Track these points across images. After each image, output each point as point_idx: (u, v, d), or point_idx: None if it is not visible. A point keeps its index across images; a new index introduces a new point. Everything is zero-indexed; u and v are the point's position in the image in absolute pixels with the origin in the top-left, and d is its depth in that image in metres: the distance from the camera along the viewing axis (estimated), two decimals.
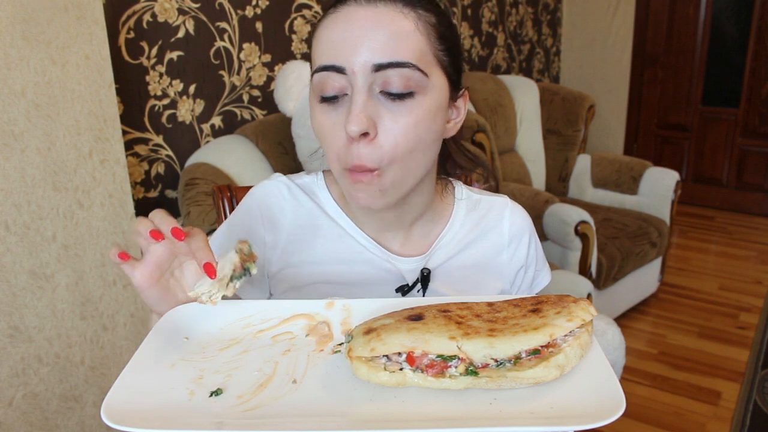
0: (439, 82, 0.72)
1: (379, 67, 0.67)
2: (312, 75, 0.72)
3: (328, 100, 0.70)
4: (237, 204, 1.00)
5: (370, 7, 0.68)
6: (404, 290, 0.82)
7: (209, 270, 0.64)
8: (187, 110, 1.94)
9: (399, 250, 0.84)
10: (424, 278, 0.83)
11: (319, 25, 0.72)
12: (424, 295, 0.82)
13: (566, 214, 2.53)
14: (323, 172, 0.87)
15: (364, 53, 0.67)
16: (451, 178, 0.90)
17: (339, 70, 0.68)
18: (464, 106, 0.80)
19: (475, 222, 0.88)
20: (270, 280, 0.85)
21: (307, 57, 2.29)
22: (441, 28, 0.72)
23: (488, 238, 0.88)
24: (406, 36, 0.68)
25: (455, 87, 0.77)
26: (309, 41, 2.30)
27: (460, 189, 0.90)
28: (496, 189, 0.94)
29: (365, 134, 0.68)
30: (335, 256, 0.83)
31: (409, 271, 0.83)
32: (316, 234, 0.83)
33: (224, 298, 0.66)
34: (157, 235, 0.64)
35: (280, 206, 0.83)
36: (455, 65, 0.75)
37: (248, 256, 0.67)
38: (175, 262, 0.68)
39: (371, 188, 0.70)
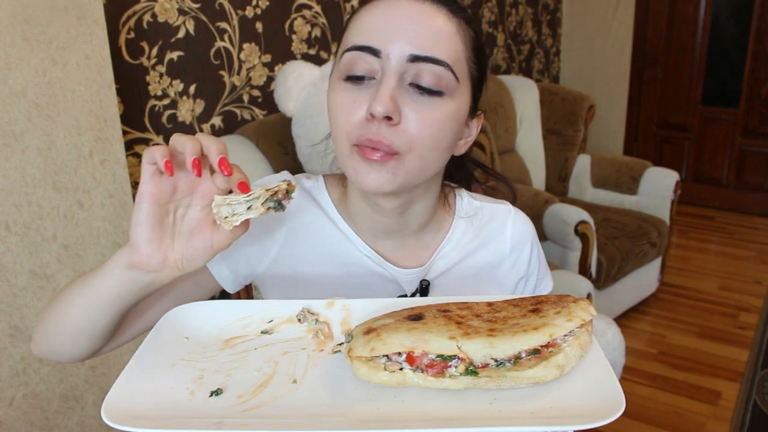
0: (465, 92, 0.72)
1: (416, 59, 0.67)
2: (342, 54, 0.71)
3: (354, 79, 0.69)
4: None
5: (416, 1, 0.69)
6: None
7: (243, 186, 0.60)
8: (188, 110, 1.94)
9: (398, 261, 0.82)
10: (423, 290, 0.82)
11: (360, 9, 0.72)
12: None
13: (566, 214, 2.53)
14: (323, 176, 0.87)
15: (403, 41, 0.67)
16: (454, 185, 0.89)
17: (374, 52, 0.67)
18: (476, 128, 0.79)
19: (476, 231, 0.86)
20: (263, 275, 0.84)
21: (307, 57, 2.29)
22: (477, 42, 0.73)
23: (490, 248, 0.87)
24: (447, 36, 0.68)
25: (476, 104, 0.76)
26: (336, 33, 2.30)
27: (462, 197, 0.88)
28: (513, 202, 0.92)
29: (389, 119, 0.66)
30: (334, 259, 0.82)
31: (408, 282, 0.82)
32: (317, 233, 0.82)
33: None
34: (198, 167, 0.58)
35: None
36: (481, 82, 0.76)
37: (286, 195, 0.63)
38: (184, 200, 0.62)
39: (383, 170, 0.68)
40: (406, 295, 0.82)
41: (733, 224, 4.16)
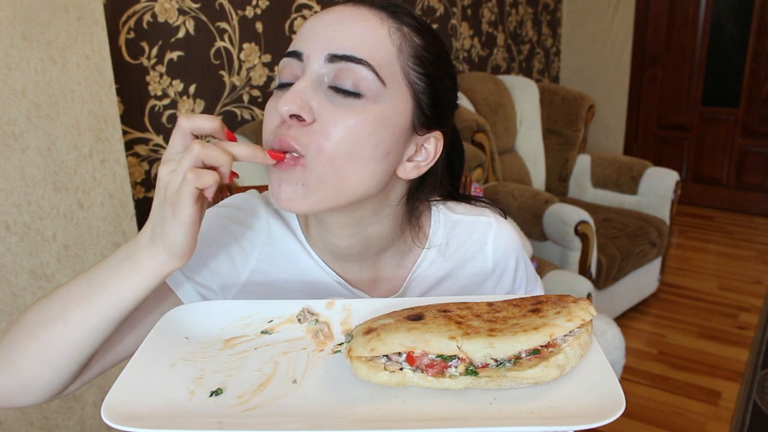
0: (400, 100, 0.66)
1: (334, 58, 0.64)
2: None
3: (282, 86, 0.68)
4: None
5: (350, 7, 0.68)
6: None
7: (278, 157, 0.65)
8: (188, 110, 1.94)
9: (368, 290, 0.78)
10: None
11: None
12: None
13: (566, 214, 2.53)
14: None
15: (322, 42, 0.65)
16: (432, 199, 0.83)
17: (297, 56, 0.66)
18: (434, 151, 0.71)
19: (453, 249, 0.81)
20: (236, 294, 0.79)
21: None
22: (423, 52, 0.68)
23: (470, 266, 0.82)
24: (372, 38, 0.65)
25: (427, 123, 0.70)
26: None
27: (439, 213, 0.82)
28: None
29: (300, 119, 0.63)
30: (303, 285, 0.77)
31: None
32: (287, 257, 0.78)
33: None
34: (231, 135, 0.64)
35: (253, 224, 0.78)
36: (433, 98, 0.69)
37: None
38: None
39: (292, 181, 0.64)
40: None
41: (733, 224, 4.16)
